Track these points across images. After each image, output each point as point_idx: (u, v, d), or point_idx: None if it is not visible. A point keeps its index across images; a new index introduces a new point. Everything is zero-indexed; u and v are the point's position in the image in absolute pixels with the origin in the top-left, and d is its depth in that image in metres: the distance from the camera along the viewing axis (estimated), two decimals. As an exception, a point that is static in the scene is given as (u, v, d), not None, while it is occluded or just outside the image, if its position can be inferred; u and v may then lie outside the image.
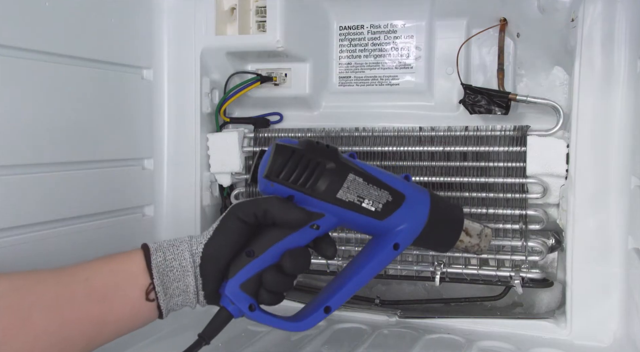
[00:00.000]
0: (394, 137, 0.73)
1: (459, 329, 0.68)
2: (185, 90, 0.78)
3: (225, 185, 0.80)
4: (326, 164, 0.48)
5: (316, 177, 0.48)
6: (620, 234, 0.62)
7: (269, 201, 0.48)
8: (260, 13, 0.74)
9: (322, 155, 0.49)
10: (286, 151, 0.48)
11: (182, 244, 0.49)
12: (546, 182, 0.67)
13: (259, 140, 0.79)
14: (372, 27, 0.80)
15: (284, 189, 0.48)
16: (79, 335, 0.45)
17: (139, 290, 0.46)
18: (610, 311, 0.63)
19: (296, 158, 0.48)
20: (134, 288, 0.46)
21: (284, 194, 0.48)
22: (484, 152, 0.70)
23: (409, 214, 0.51)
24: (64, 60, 0.64)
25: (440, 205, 0.52)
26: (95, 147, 0.69)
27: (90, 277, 0.46)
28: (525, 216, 0.68)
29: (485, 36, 0.73)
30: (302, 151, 0.48)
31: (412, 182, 0.53)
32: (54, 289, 0.45)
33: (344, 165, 0.49)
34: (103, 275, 0.47)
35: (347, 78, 0.81)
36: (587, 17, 0.62)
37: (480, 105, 0.71)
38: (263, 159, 0.50)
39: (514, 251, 0.69)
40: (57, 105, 0.63)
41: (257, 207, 0.48)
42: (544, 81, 0.72)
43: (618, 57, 0.61)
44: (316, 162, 0.48)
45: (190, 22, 0.76)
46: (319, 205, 0.49)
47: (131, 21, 0.74)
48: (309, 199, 0.48)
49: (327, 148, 0.50)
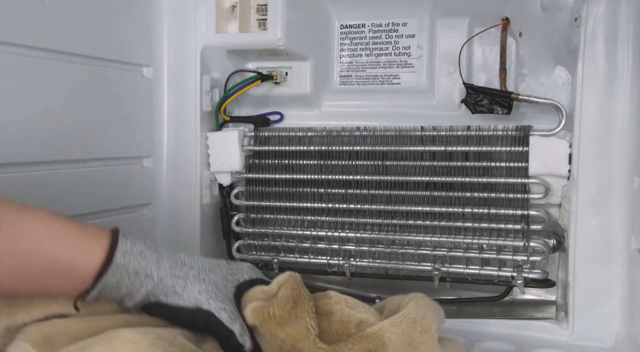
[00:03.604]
0: (395, 137, 0.73)
1: (460, 330, 0.68)
2: (185, 89, 0.77)
3: (225, 184, 0.80)
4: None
5: None
6: (623, 234, 0.62)
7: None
8: (261, 11, 0.74)
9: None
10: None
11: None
12: (548, 183, 0.67)
13: (259, 139, 0.78)
14: (373, 26, 0.79)
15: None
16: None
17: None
18: (612, 311, 0.63)
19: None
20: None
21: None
22: (485, 152, 0.69)
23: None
24: (63, 58, 0.63)
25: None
26: (94, 145, 0.68)
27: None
28: (527, 216, 0.68)
29: (487, 35, 0.73)
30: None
31: None
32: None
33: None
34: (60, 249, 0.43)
35: (348, 77, 0.81)
36: (591, 17, 0.62)
37: (482, 105, 0.70)
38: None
39: (516, 251, 0.69)
40: (56, 102, 0.63)
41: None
42: (546, 81, 0.72)
43: (622, 57, 0.61)
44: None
45: (190, 19, 0.76)
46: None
47: (131, 19, 0.73)
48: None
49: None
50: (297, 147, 0.76)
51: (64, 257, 0.43)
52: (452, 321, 0.69)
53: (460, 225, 0.70)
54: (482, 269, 0.70)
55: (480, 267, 0.70)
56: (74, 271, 0.43)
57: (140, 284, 0.44)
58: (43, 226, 0.43)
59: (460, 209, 0.70)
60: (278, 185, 0.77)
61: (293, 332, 0.44)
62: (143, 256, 0.45)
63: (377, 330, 0.45)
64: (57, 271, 0.42)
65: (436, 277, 0.71)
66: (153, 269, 0.45)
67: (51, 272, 0.42)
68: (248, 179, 0.78)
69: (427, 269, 0.71)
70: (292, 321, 0.44)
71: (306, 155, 0.76)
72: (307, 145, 0.76)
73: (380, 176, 0.73)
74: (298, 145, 0.76)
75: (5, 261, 0.41)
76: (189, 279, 0.46)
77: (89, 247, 0.43)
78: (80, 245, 0.43)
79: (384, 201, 0.73)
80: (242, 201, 0.79)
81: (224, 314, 0.45)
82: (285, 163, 0.76)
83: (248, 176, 0.78)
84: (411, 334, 0.45)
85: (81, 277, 0.43)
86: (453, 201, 0.71)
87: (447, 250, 0.71)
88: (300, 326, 0.44)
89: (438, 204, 0.71)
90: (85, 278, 0.43)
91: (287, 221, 0.77)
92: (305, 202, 0.76)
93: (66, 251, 0.43)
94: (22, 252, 0.42)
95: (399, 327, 0.45)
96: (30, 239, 0.42)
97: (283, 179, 0.77)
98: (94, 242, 0.44)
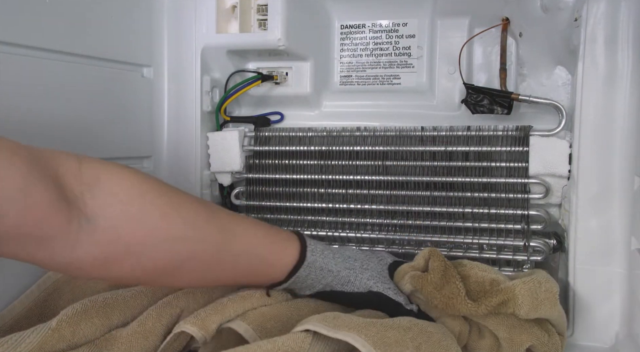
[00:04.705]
0: (396, 137, 0.73)
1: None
2: (185, 89, 0.77)
3: (225, 184, 0.80)
4: None
5: None
6: (624, 234, 0.62)
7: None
8: (261, 11, 0.74)
9: None
10: None
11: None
12: (548, 183, 0.67)
13: (260, 140, 0.78)
14: (373, 26, 0.79)
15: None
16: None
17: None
18: (612, 312, 0.62)
19: None
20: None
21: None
22: (486, 152, 0.69)
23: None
24: (63, 58, 0.63)
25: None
26: (94, 145, 0.68)
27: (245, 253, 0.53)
28: (527, 216, 0.68)
29: (487, 35, 0.73)
30: None
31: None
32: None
33: None
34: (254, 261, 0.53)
35: (348, 77, 0.81)
36: (591, 17, 0.62)
37: (483, 105, 0.70)
38: None
39: (516, 251, 0.69)
40: (56, 103, 0.63)
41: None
42: (547, 81, 0.72)
43: (622, 57, 0.61)
44: None
45: (190, 20, 0.76)
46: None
47: (131, 19, 0.73)
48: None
49: None
50: (297, 147, 0.76)
51: (268, 257, 0.53)
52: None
53: (460, 225, 0.70)
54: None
55: (481, 267, 0.70)
56: (274, 267, 0.54)
57: (322, 277, 0.55)
58: (253, 233, 0.53)
59: (460, 209, 0.70)
60: (278, 185, 0.77)
61: (447, 292, 0.54)
62: (324, 254, 0.56)
63: (509, 285, 0.54)
64: (261, 267, 0.53)
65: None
66: (332, 264, 0.56)
67: (256, 268, 0.53)
68: (248, 179, 0.78)
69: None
70: (445, 285, 0.54)
71: (306, 155, 0.76)
72: (307, 145, 0.76)
73: (381, 176, 0.73)
74: (298, 146, 0.76)
75: (228, 259, 0.51)
76: (357, 270, 0.57)
77: (286, 249, 0.54)
78: (279, 247, 0.54)
79: (384, 201, 0.73)
80: (242, 201, 0.79)
81: (390, 292, 0.57)
82: (285, 163, 0.77)
83: (248, 176, 0.78)
84: (537, 292, 0.54)
85: (279, 272, 0.54)
86: (453, 201, 0.71)
87: (447, 250, 0.71)
88: (452, 288, 0.54)
89: (438, 204, 0.71)
90: (282, 273, 0.54)
91: (288, 221, 0.77)
92: (305, 202, 0.76)
93: (270, 253, 0.54)
94: (237, 253, 0.52)
95: (527, 285, 0.54)
96: (245, 243, 0.52)
97: (283, 179, 0.77)
98: (289, 245, 0.55)
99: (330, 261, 0.56)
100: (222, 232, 0.50)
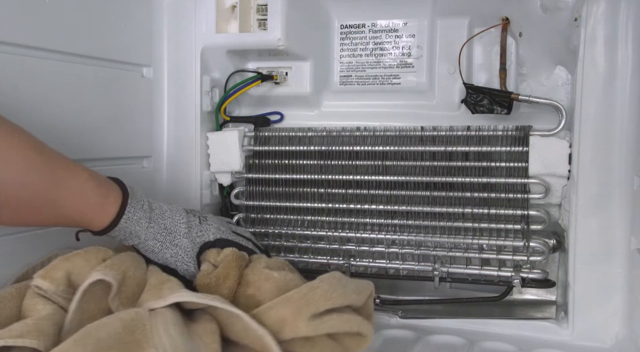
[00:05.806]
0: (395, 137, 0.73)
1: (460, 330, 0.68)
2: (185, 89, 0.77)
3: (225, 184, 0.80)
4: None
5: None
6: (623, 234, 0.62)
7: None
8: (261, 11, 0.74)
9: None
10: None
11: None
12: (548, 183, 0.67)
13: (260, 139, 0.78)
14: (373, 26, 0.79)
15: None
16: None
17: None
18: (612, 311, 0.63)
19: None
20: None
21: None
22: (485, 152, 0.69)
23: None
24: (63, 58, 0.63)
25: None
26: (94, 145, 0.68)
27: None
28: (527, 216, 0.68)
29: (487, 35, 0.73)
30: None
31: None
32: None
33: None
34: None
35: (348, 77, 0.81)
36: (591, 17, 0.62)
37: (482, 105, 0.70)
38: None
39: (516, 251, 0.69)
40: (55, 103, 0.63)
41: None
42: (546, 81, 0.72)
43: (622, 57, 0.61)
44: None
45: (190, 19, 0.76)
46: None
47: (131, 18, 0.73)
48: None
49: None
50: (297, 147, 0.76)
51: (87, 212, 0.54)
52: (453, 321, 0.69)
53: (460, 225, 0.70)
54: (482, 269, 0.70)
55: (480, 267, 0.70)
56: (90, 225, 0.55)
57: (130, 240, 0.58)
58: (82, 188, 0.54)
59: (460, 209, 0.70)
60: (278, 185, 0.77)
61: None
62: (139, 223, 0.57)
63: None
64: (76, 218, 0.54)
65: (436, 277, 0.71)
66: (141, 233, 0.57)
67: (70, 218, 0.54)
68: (248, 179, 0.78)
69: (427, 269, 0.71)
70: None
71: (306, 155, 0.76)
72: (307, 145, 0.76)
73: (380, 176, 0.73)
74: (298, 146, 0.76)
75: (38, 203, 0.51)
76: (166, 244, 0.59)
77: (104, 207, 0.55)
78: (99, 205, 0.55)
79: (384, 201, 0.73)
80: (242, 201, 0.79)
81: (187, 273, 0.61)
82: (285, 163, 0.77)
83: (248, 176, 0.78)
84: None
85: (93, 227, 0.55)
86: (453, 201, 0.71)
87: (447, 250, 0.71)
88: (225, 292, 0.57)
89: (438, 204, 0.71)
90: (95, 228, 0.55)
91: (287, 220, 0.77)
92: (305, 202, 0.76)
93: (89, 207, 0.54)
94: (63, 205, 0.53)
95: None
96: (73, 194, 0.53)
97: (283, 179, 0.77)
98: (109, 204, 0.55)
99: (143, 229, 0.57)
100: (54, 184, 0.52)
